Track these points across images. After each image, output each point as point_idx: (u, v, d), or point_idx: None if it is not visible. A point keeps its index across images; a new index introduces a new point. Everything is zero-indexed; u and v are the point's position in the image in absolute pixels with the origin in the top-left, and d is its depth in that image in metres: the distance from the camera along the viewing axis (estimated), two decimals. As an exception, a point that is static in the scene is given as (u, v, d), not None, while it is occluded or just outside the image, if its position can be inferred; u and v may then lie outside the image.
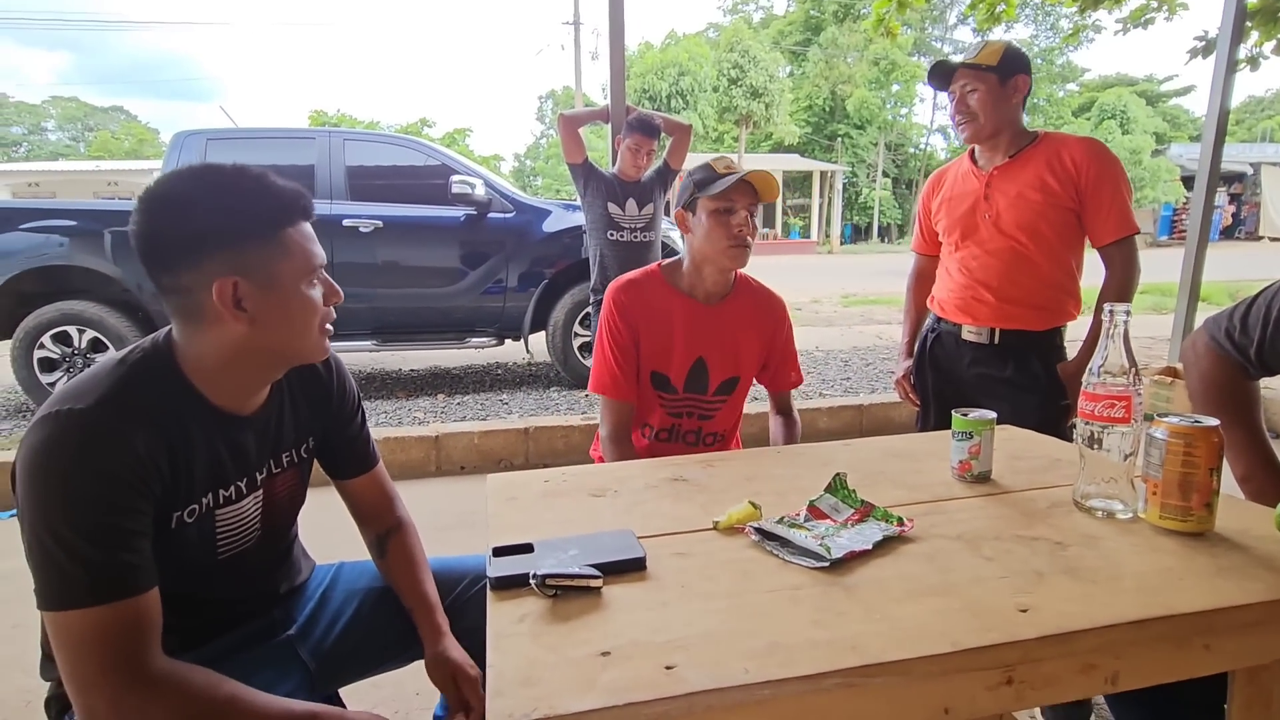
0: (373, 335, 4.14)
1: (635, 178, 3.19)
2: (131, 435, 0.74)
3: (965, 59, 1.60)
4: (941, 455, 1.11)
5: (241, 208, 0.80)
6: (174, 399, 0.81)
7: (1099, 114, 26.05)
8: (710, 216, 1.37)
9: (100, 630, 0.70)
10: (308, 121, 24.42)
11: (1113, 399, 0.88)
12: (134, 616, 0.72)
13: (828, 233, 28.02)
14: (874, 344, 5.80)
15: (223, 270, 0.78)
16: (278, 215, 0.82)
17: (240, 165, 0.82)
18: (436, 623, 1.00)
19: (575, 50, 19.83)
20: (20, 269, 3.70)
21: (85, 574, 0.70)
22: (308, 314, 0.85)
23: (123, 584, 0.72)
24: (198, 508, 0.83)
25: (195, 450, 0.82)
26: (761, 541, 0.84)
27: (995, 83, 1.59)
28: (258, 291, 0.80)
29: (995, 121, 1.61)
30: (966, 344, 1.74)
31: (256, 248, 0.80)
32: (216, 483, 0.85)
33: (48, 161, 32.25)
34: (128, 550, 0.73)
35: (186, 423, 0.81)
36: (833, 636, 0.65)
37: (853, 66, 30.28)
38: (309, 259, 0.84)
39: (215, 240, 0.78)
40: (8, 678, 1.67)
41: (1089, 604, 0.70)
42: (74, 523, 0.71)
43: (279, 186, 0.83)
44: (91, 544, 0.71)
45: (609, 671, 0.60)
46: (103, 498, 0.72)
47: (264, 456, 0.92)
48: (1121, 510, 0.90)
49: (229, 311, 0.79)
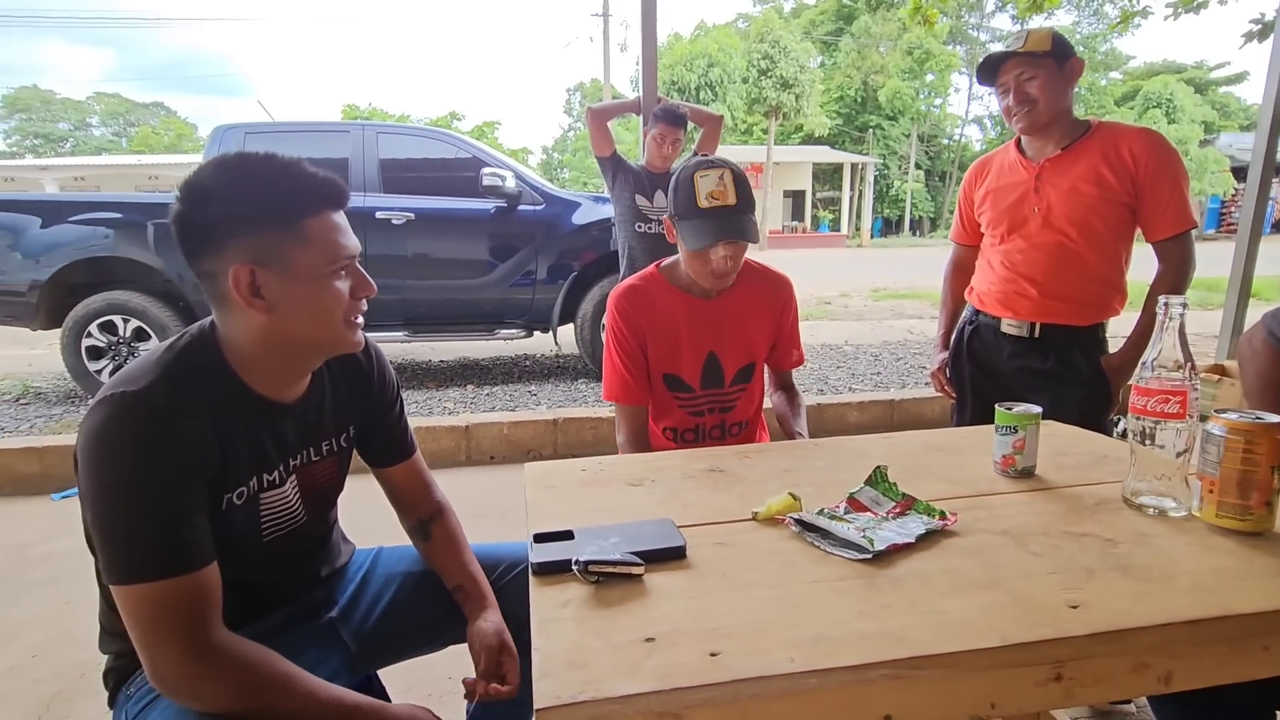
0: (404, 326, 4.20)
1: (663, 169, 3.17)
2: (184, 417, 0.76)
3: (1013, 48, 1.54)
4: (983, 450, 1.09)
5: (259, 195, 0.79)
6: (219, 385, 0.83)
7: (1143, 103, 25.23)
8: (688, 251, 1.32)
9: (166, 602, 0.73)
10: (340, 115, 24.78)
11: (1167, 394, 0.85)
12: (197, 590, 0.75)
13: (858, 226, 27.64)
14: (905, 339, 5.72)
15: (240, 257, 0.78)
16: (297, 203, 0.80)
17: (271, 154, 0.81)
18: (484, 593, 1.02)
19: (604, 42, 19.80)
20: (68, 260, 3.82)
21: (150, 549, 0.73)
22: (328, 305, 0.83)
23: (186, 559, 0.74)
24: (245, 490, 0.86)
25: (240, 435, 0.83)
26: (802, 533, 0.84)
27: (1053, 68, 1.53)
28: (275, 280, 0.80)
29: (1054, 107, 1.55)
30: (1006, 337, 1.71)
31: (273, 236, 0.79)
32: (260, 467, 0.87)
33: (92, 156, 33.22)
34: (188, 527, 0.75)
35: (231, 408, 0.83)
36: (879, 628, 0.64)
37: (886, 56, 29.76)
38: (332, 249, 0.82)
39: (230, 227, 0.78)
40: (62, 651, 1.74)
41: (1143, 602, 0.68)
42: (137, 500, 0.73)
43: (303, 174, 0.81)
44: (154, 520, 0.73)
45: (654, 657, 0.61)
46: (162, 475, 0.74)
47: (304, 444, 0.94)
48: (1174, 508, 0.87)
49: (245, 299, 0.79)
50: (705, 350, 1.43)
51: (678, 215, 1.32)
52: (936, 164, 32.41)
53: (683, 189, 1.31)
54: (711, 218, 1.27)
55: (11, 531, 2.43)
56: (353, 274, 0.86)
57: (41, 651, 1.75)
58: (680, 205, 1.31)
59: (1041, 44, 1.52)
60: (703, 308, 1.42)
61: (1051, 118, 1.57)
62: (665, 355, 1.42)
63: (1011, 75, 1.56)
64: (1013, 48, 1.54)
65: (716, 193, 1.27)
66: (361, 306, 0.89)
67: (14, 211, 3.89)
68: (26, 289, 3.82)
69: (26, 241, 3.83)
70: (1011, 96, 1.57)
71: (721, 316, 1.43)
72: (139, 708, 0.82)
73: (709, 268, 1.32)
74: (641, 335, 1.41)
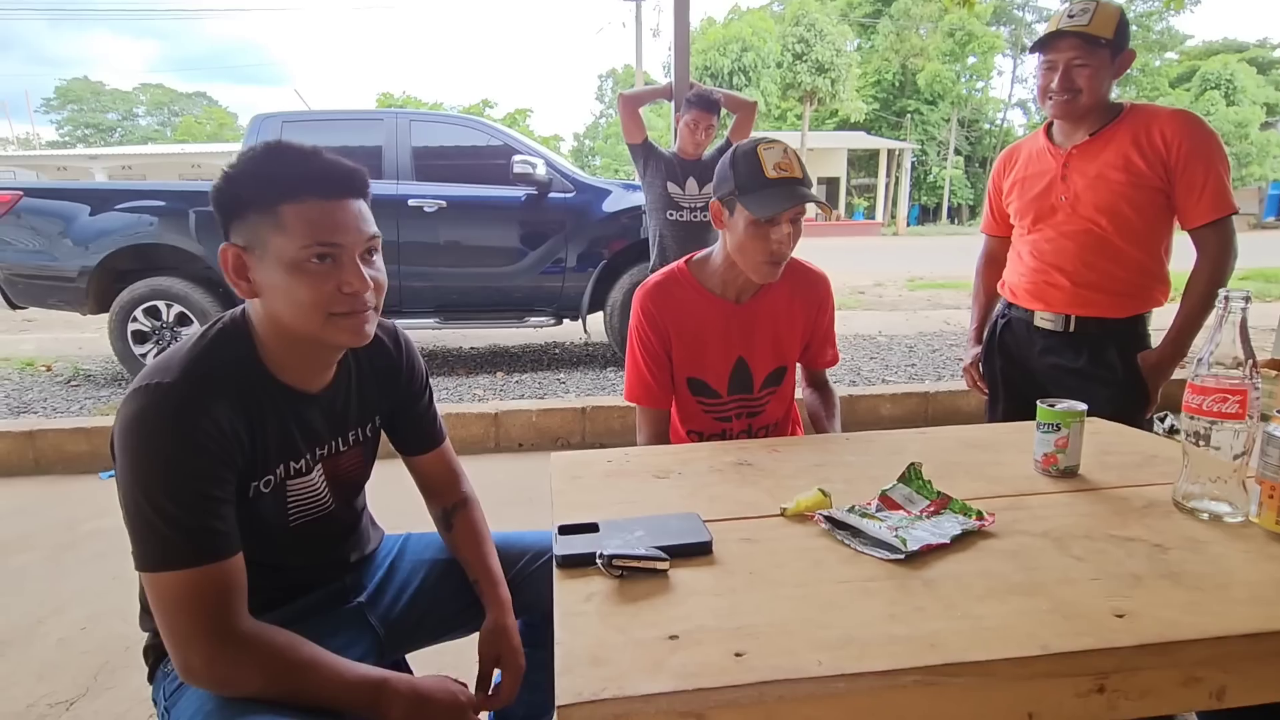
0: (435, 313, 4.24)
1: (695, 156, 3.13)
2: (214, 407, 0.77)
3: (1076, 25, 1.43)
4: (1023, 447, 1.05)
5: (250, 180, 0.80)
6: (248, 374, 0.83)
7: (1200, 84, 24.16)
8: (749, 227, 1.21)
9: (193, 591, 0.74)
10: (375, 103, 25.07)
11: (1225, 393, 0.80)
12: (223, 579, 0.76)
13: (893, 214, 27.10)
14: (941, 329, 5.59)
15: (233, 239, 0.81)
16: (278, 188, 0.79)
17: (282, 143, 0.81)
18: (499, 596, 1.01)
19: (636, 27, 19.61)
20: (115, 247, 3.94)
21: (178, 538, 0.74)
22: (298, 293, 0.79)
23: (213, 548, 0.75)
24: (272, 478, 0.87)
25: (268, 424, 0.84)
26: (832, 530, 0.82)
27: (1107, 58, 1.45)
28: (255, 263, 0.80)
29: (1095, 100, 1.47)
30: (1039, 331, 1.64)
31: (257, 219, 0.79)
32: (287, 455, 0.88)
33: (138, 145, 34.29)
34: (216, 517, 0.76)
35: (260, 398, 0.84)
36: (910, 632, 0.62)
37: (925, 39, 29.00)
38: (305, 236, 0.78)
39: (223, 209, 0.80)
40: (108, 625, 1.81)
41: (1195, 612, 0.64)
42: (167, 490, 0.74)
43: (299, 161, 0.80)
44: (183, 510, 0.74)
45: (677, 655, 0.59)
46: (192, 466, 0.75)
47: (332, 434, 0.94)
48: (1230, 513, 0.83)
49: (232, 279, 0.81)
50: (734, 356, 1.37)
51: (739, 189, 1.21)
52: (977, 150, 31.53)
53: (744, 162, 1.22)
54: (782, 186, 1.19)
55: (62, 508, 2.53)
56: (341, 264, 0.81)
57: (89, 624, 1.82)
58: (743, 177, 1.21)
59: (1106, 27, 1.42)
60: (733, 313, 1.35)
61: (1089, 110, 1.49)
62: (691, 359, 1.36)
63: (1064, 55, 1.46)
64: (1076, 23, 1.43)
65: (783, 164, 1.20)
66: (356, 301, 0.83)
67: (65, 200, 4.03)
68: (76, 274, 3.95)
69: (77, 229, 3.95)
70: (1057, 79, 1.47)
71: (752, 322, 1.36)
72: (177, 683, 0.84)
73: (768, 247, 1.22)
74: (666, 338, 1.35)
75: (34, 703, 1.53)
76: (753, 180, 1.21)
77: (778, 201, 1.19)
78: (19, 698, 1.54)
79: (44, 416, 3.40)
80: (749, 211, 1.20)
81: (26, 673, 1.63)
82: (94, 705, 1.52)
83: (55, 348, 5.22)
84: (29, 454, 2.92)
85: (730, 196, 1.23)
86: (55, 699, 1.54)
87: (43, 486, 2.77)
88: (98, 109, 44.89)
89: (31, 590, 2.00)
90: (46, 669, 1.64)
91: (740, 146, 1.25)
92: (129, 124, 45.88)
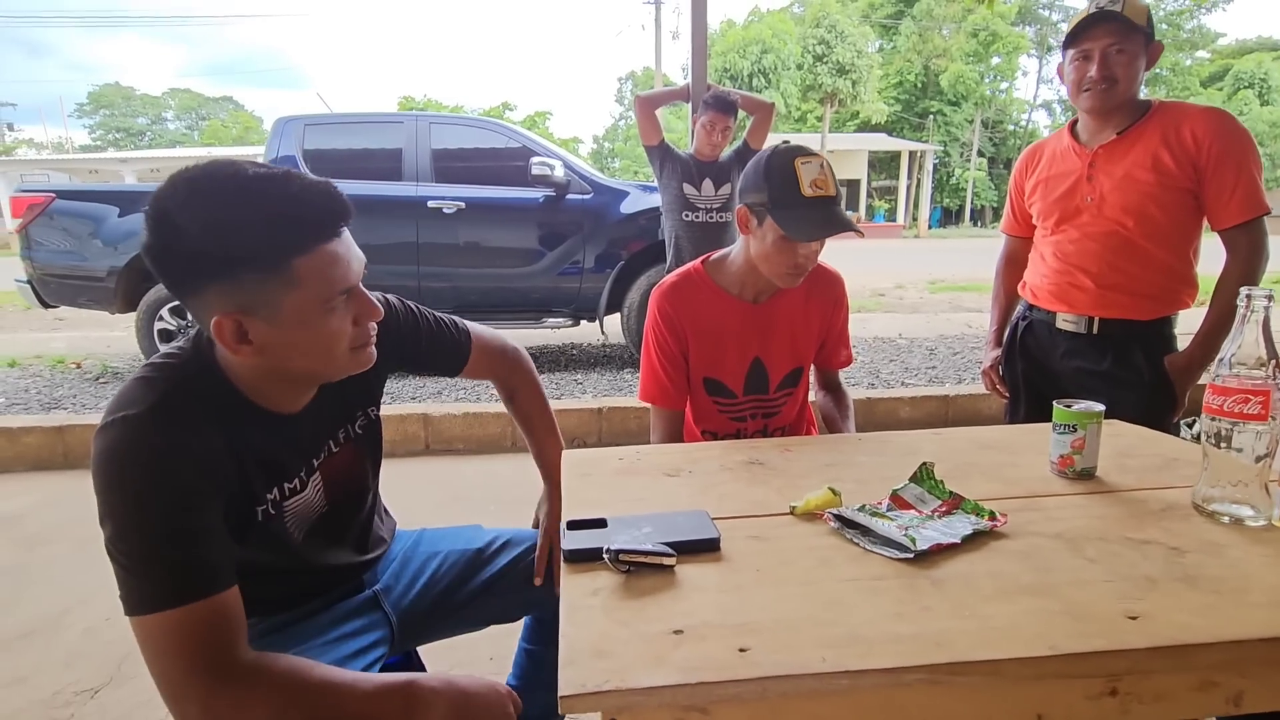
0: (454, 313, 4.26)
1: (712, 157, 3.13)
2: (188, 437, 0.72)
3: (1114, 7, 1.38)
4: (1039, 449, 1.04)
5: (238, 235, 0.69)
6: (223, 400, 0.78)
7: (1233, 83, 23.63)
8: (779, 241, 1.20)
9: (185, 632, 0.68)
10: (397, 106, 25.38)
11: (1247, 394, 0.79)
12: (216, 615, 0.70)
13: (915, 215, 26.83)
14: (962, 332, 5.52)
15: (222, 305, 0.71)
16: (283, 242, 0.70)
17: (248, 177, 0.70)
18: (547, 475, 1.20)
19: (656, 30, 19.65)
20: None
21: (163, 576, 0.69)
22: (325, 343, 0.76)
23: (201, 583, 0.70)
24: (270, 500, 0.84)
25: (255, 449, 0.80)
26: (841, 529, 0.81)
27: (1142, 45, 1.42)
28: (263, 326, 0.72)
29: (1130, 91, 1.44)
30: (1061, 334, 1.61)
31: (258, 281, 0.70)
32: (280, 477, 0.84)
33: (166, 149, 35.05)
34: (202, 549, 0.71)
35: (241, 424, 0.78)
36: (917, 631, 0.61)
37: (949, 39, 28.68)
38: (327, 286, 0.73)
39: (209, 270, 0.70)
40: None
41: (1211, 616, 0.63)
42: (145, 526, 0.69)
43: (287, 204, 0.71)
44: (165, 545, 0.69)
45: (681, 650, 0.60)
46: (168, 499, 0.70)
47: (320, 442, 0.91)
48: (1251, 517, 0.81)
49: (231, 347, 0.73)
50: (751, 356, 1.36)
51: (774, 204, 1.18)
52: (1001, 151, 31.11)
53: (780, 175, 1.18)
54: (818, 208, 1.17)
55: (89, 501, 2.57)
56: (355, 300, 0.78)
57: (114, 615, 1.86)
58: (778, 190, 1.18)
59: (1140, 14, 1.39)
60: (749, 312, 1.34)
61: (1124, 103, 1.46)
62: (707, 360, 1.36)
63: (1101, 43, 1.41)
64: (1112, 5, 1.39)
65: (819, 181, 1.17)
66: (369, 331, 0.82)
67: (95, 202, 4.13)
68: (105, 274, 4.04)
69: (106, 230, 4.05)
70: (1095, 68, 1.42)
71: (769, 322, 1.35)
72: None
73: (795, 261, 1.21)
74: (683, 339, 1.35)
75: (60, 690, 1.57)
76: (788, 196, 1.17)
77: (814, 227, 1.17)
78: (46, 685, 1.58)
79: (73, 412, 3.48)
80: (783, 230, 1.18)
81: (54, 661, 1.68)
82: (117, 694, 1.55)
83: (85, 345, 5.35)
84: (59, 448, 2.99)
85: (761, 208, 1.21)
86: (80, 687, 1.58)
87: (71, 480, 2.84)
88: (128, 113, 45.98)
89: (59, 580, 2.05)
90: (73, 657, 1.69)
91: (776, 155, 1.21)
92: (158, 128, 46.92)
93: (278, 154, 4.27)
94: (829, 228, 1.18)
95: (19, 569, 2.13)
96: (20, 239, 4.09)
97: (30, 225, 4.03)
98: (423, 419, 3.09)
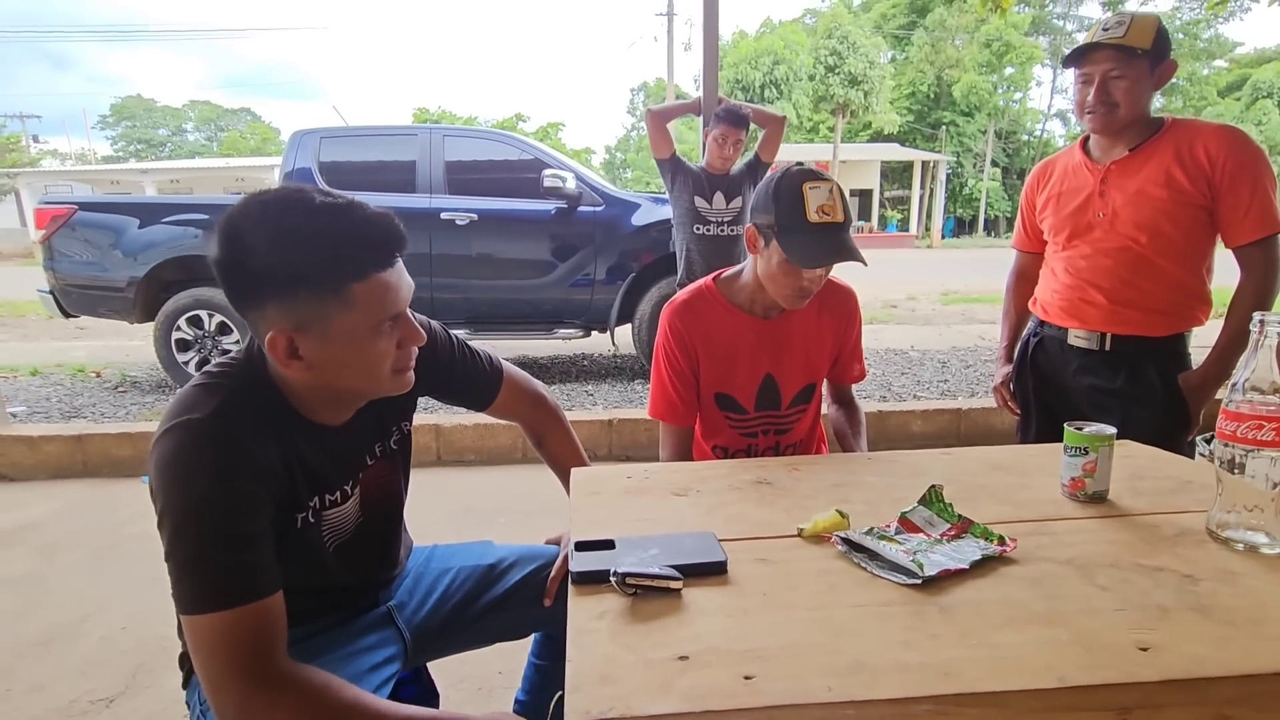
0: (466, 324, 4.31)
1: (723, 170, 3.14)
2: (250, 443, 0.76)
3: (1111, 37, 1.40)
4: (1051, 470, 1.03)
5: (304, 261, 0.74)
6: (276, 410, 0.82)
7: (1251, 92, 23.37)
8: (783, 264, 1.20)
9: (231, 633, 0.72)
10: (411, 118, 25.68)
11: (1260, 419, 0.78)
12: (262, 619, 0.74)
13: (928, 226, 26.71)
14: (975, 344, 5.48)
15: (280, 320, 0.76)
16: (344, 270, 0.76)
17: (318, 205, 0.75)
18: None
19: (668, 42, 19.80)
20: (163, 258, 4.10)
21: (217, 578, 0.72)
22: (370, 363, 0.81)
23: (252, 587, 0.74)
24: (311, 509, 0.87)
25: (304, 458, 0.84)
26: (848, 552, 0.81)
27: (1146, 69, 1.41)
28: (314, 343, 0.77)
29: (1134, 113, 1.44)
30: (1073, 350, 1.60)
31: (316, 301, 0.75)
32: (322, 487, 0.88)
33: (186, 160, 35.69)
34: (254, 555, 0.75)
35: (291, 433, 0.83)
36: (924, 660, 0.61)
37: (961, 49, 28.65)
38: (378, 311, 0.79)
39: (273, 288, 0.75)
40: (147, 625, 1.87)
41: (1225, 648, 0.62)
42: (204, 528, 0.73)
43: (352, 233, 0.76)
44: (221, 549, 0.73)
45: (686, 676, 0.60)
46: (228, 503, 0.74)
47: (361, 454, 0.95)
48: (1267, 544, 0.80)
49: (282, 361, 0.78)
50: (763, 372, 1.36)
51: (780, 227, 1.19)
52: (1015, 161, 30.95)
53: (788, 199, 1.18)
54: (822, 235, 1.17)
55: (108, 510, 2.63)
56: (401, 325, 0.83)
57: (129, 624, 1.88)
58: (785, 216, 1.19)
59: (1143, 37, 1.39)
60: (762, 328, 1.34)
61: (1129, 124, 1.46)
62: (719, 376, 1.36)
63: (1100, 68, 1.43)
64: (1111, 36, 1.40)
65: (827, 207, 1.17)
66: (410, 355, 0.86)
67: (116, 213, 4.20)
68: (125, 284, 4.11)
69: (126, 241, 4.12)
70: (1093, 93, 1.44)
71: (782, 338, 1.35)
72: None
73: (799, 284, 1.23)
74: (694, 356, 1.35)
75: (77, 699, 1.59)
76: (794, 220, 1.18)
77: (817, 254, 1.18)
78: (63, 693, 1.60)
79: (93, 421, 3.53)
80: (786, 254, 1.19)
81: (70, 669, 1.70)
82: (132, 703, 1.57)
83: (105, 354, 5.44)
84: (78, 457, 3.04)
85: (768, 230, 1.22)
86: (96, 695, 1.60)
87: (90, 488, 2.88)
88: (149, 125, 46.83)
89: (77, 588, 2.08)
90: (89, 666, 1.71)
91: (786, 177, 1.21)
92: (178, 139, 47.74)
93: (294, 166, 4.34)
94: (831, 256, 1.18)
95: (38, 577, 2.17)
96: (44, 250, 4.17)
97: (53, 236, 4.11)
98: (434, 430, 3.11)
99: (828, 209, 1.17)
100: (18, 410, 3.73)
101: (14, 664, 1.72)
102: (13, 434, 3.05)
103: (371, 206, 0.79)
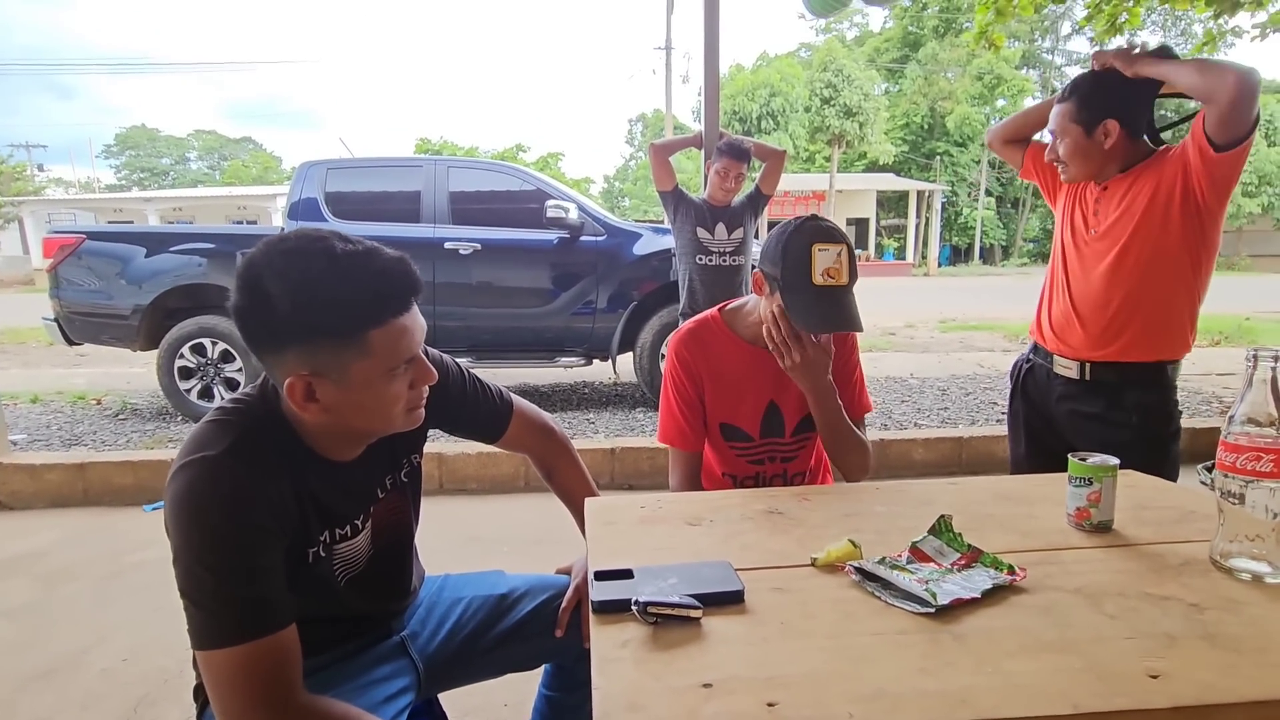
0: (468, 352, 4.34)
1: (725, 202, 3.21)
2: (263, 479, 0.78)
3: (1061, 95, 1.53)
4: (1057, 500, 1.05)
5: (323, 309, 0.75)
6: (287, 447, 0.84)
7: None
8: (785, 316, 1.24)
9: (247, 667, 0.73)
10: (413, 148, 26.02)
11: (1259, 451, 0.80)
12: (278, 652, 0.75)
13: (924, 254, 26.97)
14: (975, 372, 5.51)
15: (298, 366, 0.77)
16: (362, 317, 0.77)
17: (337, 253, 0.76)
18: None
19: (666, 74, 20.18)
20: (167, 287, 4.14)
21: (231, 612, 0.73)
22: (384, 404, 0.83)
23: (266, 621, 0.75)
24: (322, 543, 0.88)
25: (315, 494, 0.86)
26: (862, 582, 0.83)
27: (1080, 135, 1.51)
28: (330, 387, 0.79)
29: (1085, 171, 1.54)
30: (1057, 378, 1.65)
31: (334, 348, 0.77)
32: (335, 521, 0.90)
33: (189, 189, 35.97)
34: (268, 589, 0.76)
35: (303, 470, 0.84)
36: (942, 687, 0.63)
37: (954, 82, 29.23)
38: (395, 355, 0.80)
39: (292, 336, 0.77)
40: (149, 658, 1.85)
41: (1232, 676, 0.64)
42: (218, 563, 0.74)
43: (369, 280, 0.77)
44: (235, 583, 0.74)
45: (711, 704, 0.61)
46: (242, 537, 0.75)
47: (372, 488, 0.96)
48: (1270, 574, 0.82)
49: (299, 405, 0.79)
50: (765, 400, 1.39)
51: (785, 285, 1.21)
52: (1009, 190, 31.39)
53: (794, 257, 1.19)
54: (825, 299, 1.19)
55: (109, 539, 2.62)
56: (414, 367, 0.84)
57: (131, 656, 1.87)
58: (790, 273, 1.20)
59: (1090, 97, 1.50)
60: (765, 359, 1.35)
61: (1090, 176, 1.55)
62: (724, 405, 1.40)
63: (1053, 124, 1.56)
64: (1061, 94, 1.54)
65: (832, 270, 1.18)
66: (422, 394, 0.88)
67: (123, 242, 4.26)
68: (130, 313, 4.15)
69: (132, 269, 4.17)
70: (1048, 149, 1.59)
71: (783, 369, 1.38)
72: None
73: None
74: (700, 384, 1.39)
75: (78, 732, 1.57)
76: (798, 280, 1.19)
77: (817, 319, 1.20)
78: (64, 727, 1.59)
79: (93, 449, 3.53)
80: (788, 313, 1.21)
81: (72, 702, 1.68)
82: (134, 736, 1.56)
83: (105, 382, 5.44)
84: (79, 485, 3.03)
85: (774, 281, 1.24)
86: (98, 729, 1.58)
87: (91, 517, 2.88)
88: (153, 154, 47.39)
89: (79, 619, 2.07)
90: (90, 699, 1.69)
91: (798, 233, 1.21)
92: (181, 168, 48.27)
93: (300, 196, 4.41)
94: (829, 324, 1.20)
95: (40, 607, 2.15)
96: (50, 278, 4.21)
97: (60, 265, 4.15)
98: (437, 458, 3.11)
99: (833, 272, 1.18)
100: (18, 438, 3.73)
101: (15, 697, 1.70)
102: (14, 462, 3.05)
103: (388, 251, 0.80)
